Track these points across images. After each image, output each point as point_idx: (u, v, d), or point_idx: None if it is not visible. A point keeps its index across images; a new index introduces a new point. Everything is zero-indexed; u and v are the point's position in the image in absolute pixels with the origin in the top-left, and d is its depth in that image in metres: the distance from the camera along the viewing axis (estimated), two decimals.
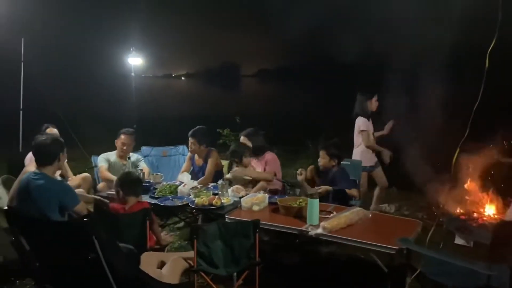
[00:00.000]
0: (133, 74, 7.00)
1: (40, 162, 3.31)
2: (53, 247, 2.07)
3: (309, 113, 13.84)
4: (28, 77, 8.17)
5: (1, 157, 6.81)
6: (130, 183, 3.32)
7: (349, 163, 4.71)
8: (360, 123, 4.97)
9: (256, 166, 4.52)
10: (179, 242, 4.45)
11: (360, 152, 5.01)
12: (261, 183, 4.20)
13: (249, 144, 4.56)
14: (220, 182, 3.92)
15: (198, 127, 4.78)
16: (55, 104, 8.10)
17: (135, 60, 6.86)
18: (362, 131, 4.93)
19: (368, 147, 4.95)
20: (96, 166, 4.99)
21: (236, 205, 3.69)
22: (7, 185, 3.98)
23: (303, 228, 3.16)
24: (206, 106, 19.96)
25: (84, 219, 2.02)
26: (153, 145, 5.90)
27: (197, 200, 3.67)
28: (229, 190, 3.93)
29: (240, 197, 3.84)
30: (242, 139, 4.70)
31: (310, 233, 3.07)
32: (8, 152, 7.22)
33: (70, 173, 5.01)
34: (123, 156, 4.87)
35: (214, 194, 3.91)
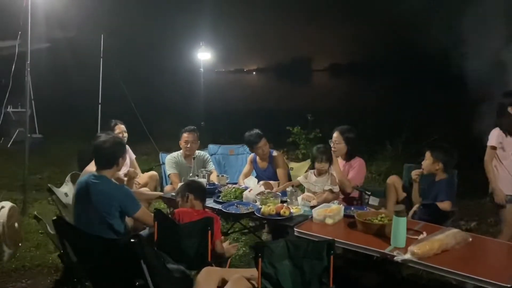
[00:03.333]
0: (201, 69, 6.82)
1: (99, 164, 3.15)
2: (99, 264, 1.84)
3: (386, 111, 12.90)
4: (106, 73, 8.43)
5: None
6: (197, 189, 3.10)
7: None
8: (491, 135, 3.86)
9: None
10: (243, 249, 4.17)
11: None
12: (326, 195, 3.72)
13: (342, 143, 4.06)
14: (289, 188, 3.54)
15: (254, 131, 4.45)
16: (130, 99, 8.24)
17: (203, 55, 6.66)
18: (492, 147, 3.82)
19: (487, 169, 3.85)
20: (163, 163, 4.86)
21: (307, 216, 3.28)
22: (75, 182, 3.96)
23: (386, 251, 2.68)
24: (276, 102, 19.65)
25: (131, 240, 1.74)
26: (221, 143, 5.69)
27: (263, 208, 3.32)
28: (299, 198, 3.53)
29: (312, 207, 3.44)
30: (336, 136, 4.08)
31: (396, 258, 2.57)
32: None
33: (138, 170, 4.93)
34: (189, 155, 4.68)
35: (283, 202, 3.55)
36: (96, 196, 3.02)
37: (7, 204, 3.85)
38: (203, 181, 3.78)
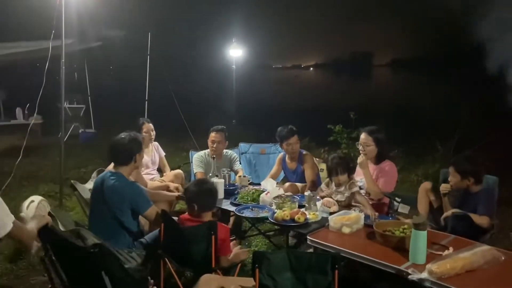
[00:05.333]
0: (234, 66, 6.72)
1: (116, 161, 3.17)
2: (74, 272, 1.79)
3: (443, 110, 12.05)
4: (152, 70, 8.64)
5: None
6: (203, 196, 2.88)
7: None
8: None
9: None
10: None
11: None
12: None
13: (372, 144, 3.80)
14: (308, 193, 3.33)
15: (287, 127, 4.24)
16: (174, 96, 8.37)
17: (235, 52, 6.55)
18: None
19: None
20: (191, 162, 4.83)
21: (324, 223, 3.06)
22: None
23: (402, 268, 2.41)
24: (327, 99, 19.16)
25: (91, 249, 1.67)
26: (258, 141, 5.56)
27: (277, 213, 3.14)
28: (318, 203, 3.31)
29: (331, 213, 3.22)
30: (364, 138, 3.82)
31: (410, 277, 2.30)
32: None
33: (167, 167, 4.95)
34: (217, 155, 4.60)
35: (301, 207, 3.36)
36: (108, 191, 3.05)
37: (37, 198, 3.97)
38: (221, 182, 3.67)
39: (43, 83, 5.05)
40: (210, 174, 3.93)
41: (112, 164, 3.35)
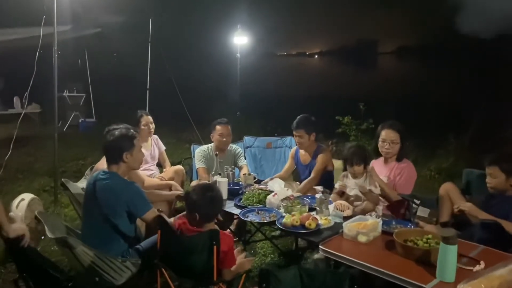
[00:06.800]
0: (238, 55, 6.37)
1: (107, 159, 2.88)
2: None
3: (455, 101, 11.63)
4: (153, 57, 8.31)
5: None
6: (206, 205, 2.53)
7: None
8: None
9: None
10: (271, 256, 3.76)
11: None
12: (366, 204, 3.18)
13: (399, 142, 3.49)
14: (319, 195, 3.04)
15: (301, 116, 3.94)
16: (176, 85, 8.05)
17: (239, 39, 6.18)
18: None
19: None
20: (193, 157, 4.55)
21: (337, 230, 2.77)
22: None
23: (427, 287, 2.12)
24: (333, 88, 18.71)
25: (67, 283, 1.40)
26: (262, 134, 5.28)
27: (285, 217, 2.86)
28: (331, 207, 3.02)
29: (345, 217, 2.93)
30: (393, 135, 3.47)
31: None
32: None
33: (167, 162, 4.67)
34: (224, 149, 4.31)
35: (312, 210, 3.07)
36: (101, 192, 2.75)
37: (28, 197, 3.74)
38: (225, 181, 3.39)
39: (34, 72, 4.75)
40: (213, 172, 3.65)
41: (103, 160, 3.07)
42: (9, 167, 6.42)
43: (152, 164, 4.53)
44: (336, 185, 3.38)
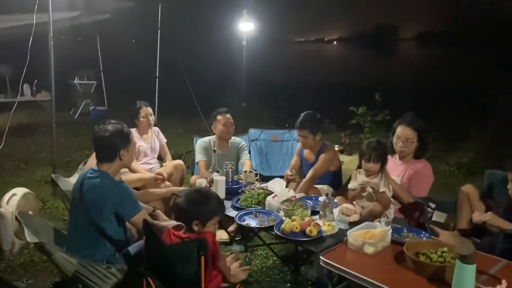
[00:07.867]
0: (244, 42, 6.05)
1: (98, 157, 2.67)
2: None
3: (480, 92, 11.06)
4: (163, 46, 8.07)
5: None
6: (205, 209, 2.30)
7: None
8: None
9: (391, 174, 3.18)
10: (274, 258, 3.52)
11: None
12: (373, 206, 2.91)
13: (417, 141, 3.23)
14: (323, 198, 2.77)
15: (305, 113, 3.66)
16: (185, 74, 7.81)
17: (245, 26, 5.84)
18: None
19: None
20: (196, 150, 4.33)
21: (341, 238, 2.50)
22: None
23: None
24: (346, 77, 18.16)
25: None
26: (272, 126, 5.01)
27: (285, 223, 2.60)
28: (335, 211, 2.76)
29: (351, 223, 2.67)
30: (410, 133, 3.21)
31: None
32: None
33: (168, 156, 4.46)
34: (227, 140, 4.09)
35: (314, 213, 2.81)
36: (88, 192, 2.55)
37: (20, 191, 3.58)
38: (222, 179, 3.15)
39: (27, 59, 4.58)
40: (211, 169, 3.41)
41: (91, 160, 2.87)
42: (14, 156, 6.35)
43: (152, 157, 4.33)
44: (355, 184, 3.10)
